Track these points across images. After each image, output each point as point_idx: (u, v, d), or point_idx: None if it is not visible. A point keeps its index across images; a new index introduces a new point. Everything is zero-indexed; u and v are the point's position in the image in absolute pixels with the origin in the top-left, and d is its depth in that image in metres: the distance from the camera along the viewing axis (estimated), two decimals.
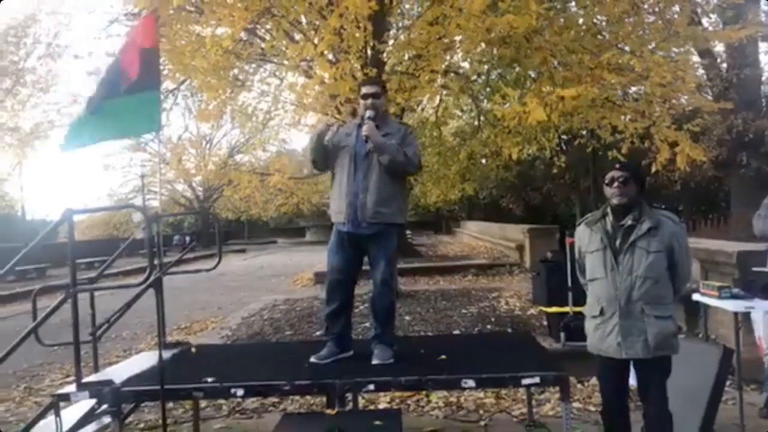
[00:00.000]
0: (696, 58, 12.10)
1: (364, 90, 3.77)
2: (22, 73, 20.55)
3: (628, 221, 2.88)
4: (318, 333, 6.68)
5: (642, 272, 2.81)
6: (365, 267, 3.81)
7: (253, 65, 9.64)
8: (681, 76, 7.09)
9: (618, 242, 2.89)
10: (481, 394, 4.59)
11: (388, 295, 3.76)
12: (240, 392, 3.30)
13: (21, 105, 20.85)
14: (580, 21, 8.10)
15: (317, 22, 7.48)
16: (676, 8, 7.76)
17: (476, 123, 14.63)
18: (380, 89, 3.85)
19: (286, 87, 8.59)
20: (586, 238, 3.04)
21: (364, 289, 4.87)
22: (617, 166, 2.96)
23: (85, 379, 3.33)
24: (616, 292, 2.85)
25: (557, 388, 3.44)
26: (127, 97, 4.03)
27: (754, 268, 4.02)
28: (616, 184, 2.89)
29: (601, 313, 2.91)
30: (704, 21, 12.10)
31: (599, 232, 2.95)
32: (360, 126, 3.69)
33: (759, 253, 4.52)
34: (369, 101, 3.69)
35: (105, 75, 4.25)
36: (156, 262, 3.63)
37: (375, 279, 3.70)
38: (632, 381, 3.00)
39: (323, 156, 3.75)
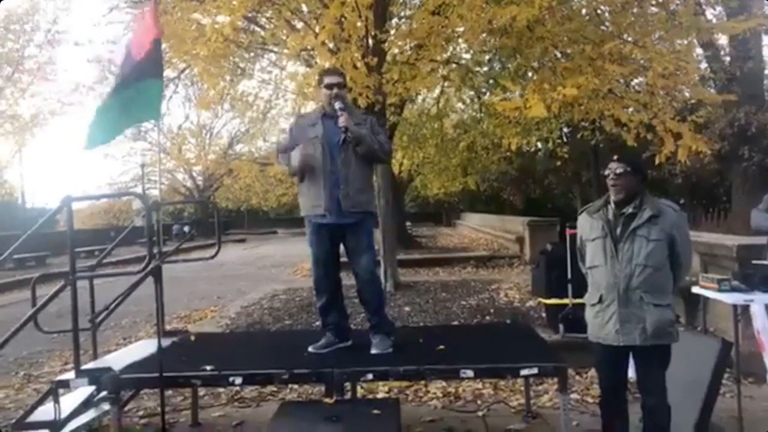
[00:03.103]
0: (699, 51, 12.04)
1: (328, 80, 3.68)
2: (22, 60, 20.45)
3: (629, 209, 2.86)
4: (318, 323, 6.69)
5: (641, 260, 2.79)
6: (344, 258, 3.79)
7: (253, 54, 9.61)
8: (683, 66, 7.05)
9: (618, 230, 2.87)
10: (479, 385, 4.59)
11: (375, 283, 3.79)
12: (238, 380, 3.30)
13: (21, 93, 20.77)
14: (583, 11, 8.05)
15: (318, 11, 7.44)
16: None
17: (478, 115, 14.62)
18: (343, 79, 3.79)
19: (287, 76, 8.56)
20: (587, 226, 3.03)
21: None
22: (615, 158, 2.92)
23: (84, 366, 3.33)
24: (615, 279, 2.84)
25: (555, 380, 3.44)
26: (133, 86, 4.03)
27: (754, 261, 4.00)
28: (612, 176, 2.87)
29: (600, 300, 2.91)
30: (708, 13, 12.02)
31: (600, 220, 2.94)
32: (326, 116, 3.65)
33: (759, 247, 4.51)
34: (334, 91, 3.63)
35: (120, 69, 4.24)
36: (155, 250, 3.64)
37: (359, 269, 3.68)
38: (631, 373, 3.00)
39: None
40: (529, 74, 9.82)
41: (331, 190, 3.55)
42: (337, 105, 3.57)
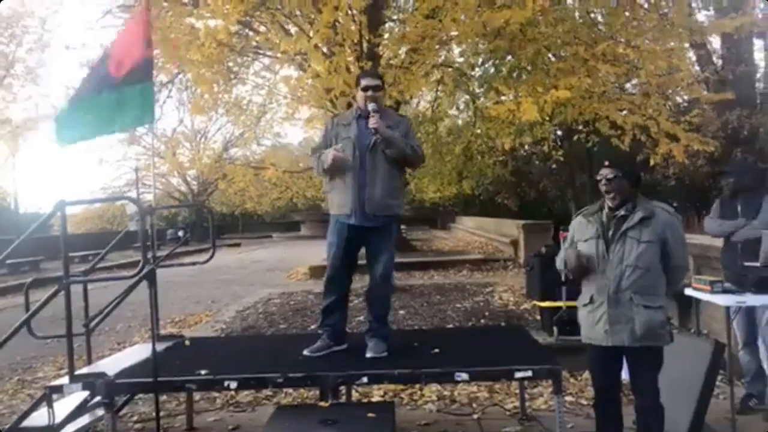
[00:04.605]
0: (691, 54, 12.15)
1: (365, 82, 3.72)
2: (12, 64, 20.36)
3: (621, 211, 2.90)
4: (313, 327, 6.68)
5: (632, 261, 2.82)
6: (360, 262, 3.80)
7: (247, 58, 9.61)
8: (676, 64, 7.12)
9: (611, 232, 2.90)
10: (474, 388, 4.60)
11: (387, 287, 3.80)
12: (233, 385, 3.30)
13: (12, 96, 20.68)
14: (576, 14, 8.11)
15: (312, 16, 7.45)
16: (671, 3, 7.78)
17: (472, 120, 14.68)
18: (380, 82, 3.83)
19: (281, 80, 8.57)
20: (581, 228, 3.06)
21: (359, 283, 4.87)
22: (606, 163, 2.97)
23: (78, 371, 3.32)
24: (605, 280, 2.87)
25: (550, 382, 3.45)
26: (122, 89, 4.01)
27: (746, 263, 4.02)
28: (604, 181, 2.90)
29: (591, 301, 2.94)
30: (700, 16, 12.13)
31: (595, 223, 2.98)
32: (360, 118, 3.67)
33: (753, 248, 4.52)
34: (370, 93, 3.66)
35: (93, 69, 4.23)
36: (149, 254, 3.63)
37: (376, 271, 3.70)
38: (625, 375, 3.02)
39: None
40: (523, 77, 9.88)
41: (357, 192, 3.55)
42: (371, 107, 3.58)
